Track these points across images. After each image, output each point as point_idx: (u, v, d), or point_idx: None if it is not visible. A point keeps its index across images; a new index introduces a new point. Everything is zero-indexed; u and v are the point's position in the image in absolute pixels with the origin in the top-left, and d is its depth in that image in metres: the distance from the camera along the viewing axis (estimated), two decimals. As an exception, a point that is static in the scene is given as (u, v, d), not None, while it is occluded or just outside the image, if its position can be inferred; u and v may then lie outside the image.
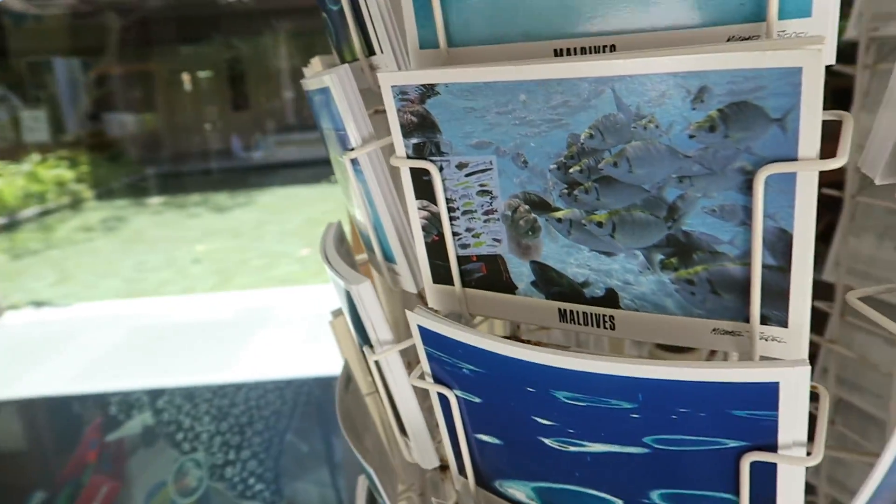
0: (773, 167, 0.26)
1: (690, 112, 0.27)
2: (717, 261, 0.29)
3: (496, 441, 0.37)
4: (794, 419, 0.27)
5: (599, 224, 0.31)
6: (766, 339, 0.29)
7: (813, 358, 0.77)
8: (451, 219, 0.35)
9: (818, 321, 0.72)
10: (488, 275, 0.36)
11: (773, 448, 0.28)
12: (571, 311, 0.34)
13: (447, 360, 0.36)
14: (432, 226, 0.36)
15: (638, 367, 0.29)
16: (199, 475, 1.31)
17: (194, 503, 1.24)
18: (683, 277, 0.30)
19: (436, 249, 0.37)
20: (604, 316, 0.33)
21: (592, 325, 0.33)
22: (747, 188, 0.27)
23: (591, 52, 0.31)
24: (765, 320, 0.29)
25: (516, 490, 0.37)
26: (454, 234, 0.36)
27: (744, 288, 0.29)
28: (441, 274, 0.37)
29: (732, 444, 0.29)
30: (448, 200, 0.35)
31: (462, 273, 0.37)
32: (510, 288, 0.35)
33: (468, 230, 0.35)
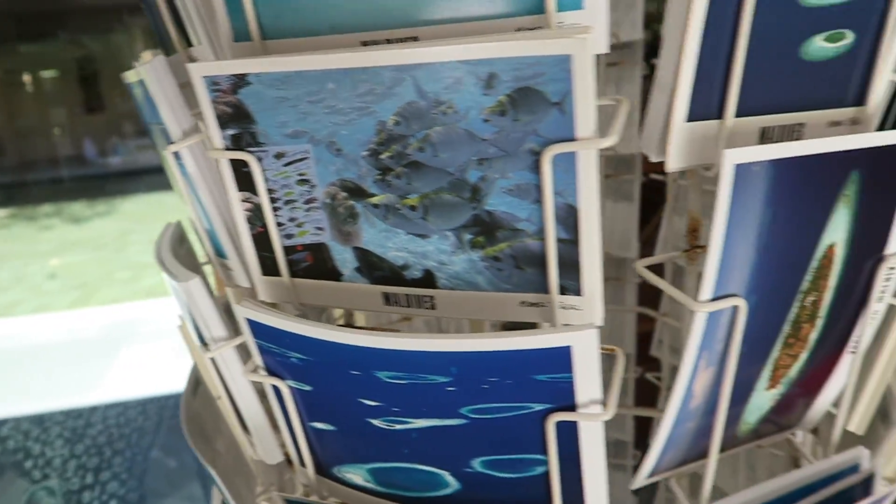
0: (556, 147, 0.28)
1: (483, 98, 0.29)
2: (518, 237, 0.31)
3: (330, 427, 0.37)
4: (588, 379, 0.30)
5: (412, 208, 0.32)
6: (566, 308, 0.31)
7: (650, 332, 0.84)
8: (274, 209, 0.35)
9: (655, 297, 0.78)
10: (314, 263, 0.36)
11: (572, 408, 0.30)
12: (395, 295, 0.35)
13: (276, 350, 0.36)
14: (256, 217, 0.36)
15: (449, 342, 0.30)
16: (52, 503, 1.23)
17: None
18: (490, 255, 0.32)
19: (261, 241, 0.37)
20: (424, 297, 0.34)
21: (415, 307, 0.35)
22: (537, 167, 0.29)
23: (395, 43, 0.32)
24: (563, 290, 0.31)
25: (353, 474, 0.38)
26: (278, 224, 0.36)
27: (543, 261, 0.31)
28: (269, 266, 0.37)
29: (538, 407, 0.31)
30: (269, 191, 0.35)
31: (289, 263, 0.37)
32: (336, 275, 0.36)
33: (291, 220, 0.35)
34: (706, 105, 0.31)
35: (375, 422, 0.35)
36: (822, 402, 0.41)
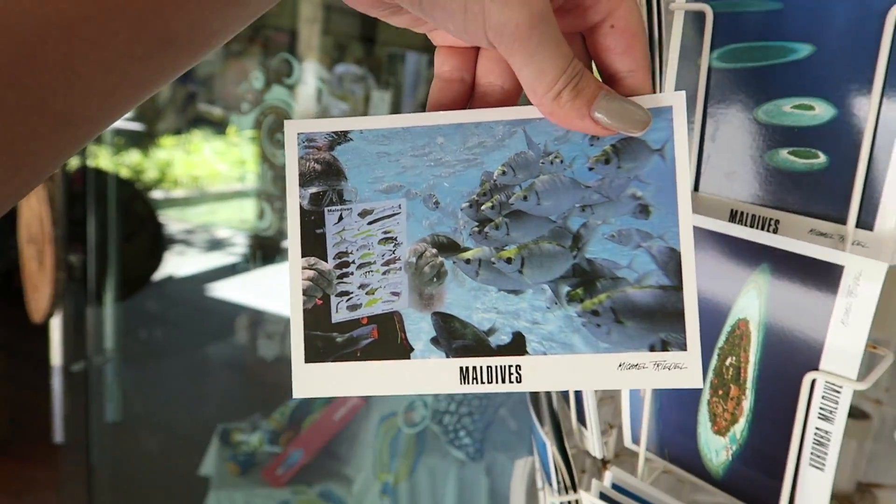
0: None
1: (589, 148, 0.31)
2: (619, 286, 0.31)
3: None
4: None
5: (508, 260, 0.32)
6: (669, 369, 0.30)
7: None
8: (343, 275, 0.32)
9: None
10: (379, 340, 0.32)
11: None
12: (474, 368, 0.32)
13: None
14: (316, 287, 0.33)
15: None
16: (423, 413, 1.54)
17: (415, 435, 1.53)
18: (589, 309, 0.31)
19: (314, 316, 0.32)
20: (510, 367, 0.31)
21: (497, 381, 0.31)
22: (639, 212, 0.31)
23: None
24: (665, 346, 0.30)
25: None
26: (344, 293, 0.32)
27: (644, 313, 0.30)
28: (317, 349, 0.32)
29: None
30: (343, 254, 0.32)
31: (346, 342, 0.32)
32: (404, 351, 0.32)
33: (361, 286, 0.33)
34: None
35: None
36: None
